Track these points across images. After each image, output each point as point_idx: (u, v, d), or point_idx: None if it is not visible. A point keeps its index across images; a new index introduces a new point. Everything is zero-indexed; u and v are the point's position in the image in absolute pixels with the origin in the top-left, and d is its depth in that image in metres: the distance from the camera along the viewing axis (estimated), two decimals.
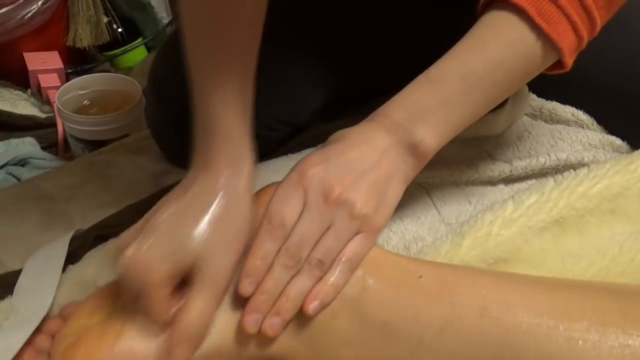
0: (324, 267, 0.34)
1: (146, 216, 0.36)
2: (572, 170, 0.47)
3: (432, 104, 0.37)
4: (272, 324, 0.33)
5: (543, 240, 0.43)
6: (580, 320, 0.32)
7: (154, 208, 0.37)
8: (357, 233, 0.35)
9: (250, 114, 0.38)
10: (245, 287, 0.33)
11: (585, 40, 0.37)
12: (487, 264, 0.42)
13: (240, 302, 0.35)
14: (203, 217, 0.34)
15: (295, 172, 0.36)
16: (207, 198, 0.35)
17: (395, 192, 0.37)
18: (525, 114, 0.63)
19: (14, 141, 0.80)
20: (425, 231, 0.46)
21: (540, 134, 0.59)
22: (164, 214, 0.35)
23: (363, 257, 0.35)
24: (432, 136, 0.37)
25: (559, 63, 0.38)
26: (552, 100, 0.62)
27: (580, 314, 0.32)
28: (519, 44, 0.36)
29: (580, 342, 0.31)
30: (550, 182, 0.45)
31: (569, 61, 0.38)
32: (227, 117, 0.36)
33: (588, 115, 0.59)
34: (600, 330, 0.31)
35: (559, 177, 0.46)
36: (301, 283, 0.34)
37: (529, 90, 0.62)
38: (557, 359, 0.31)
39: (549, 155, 0.53)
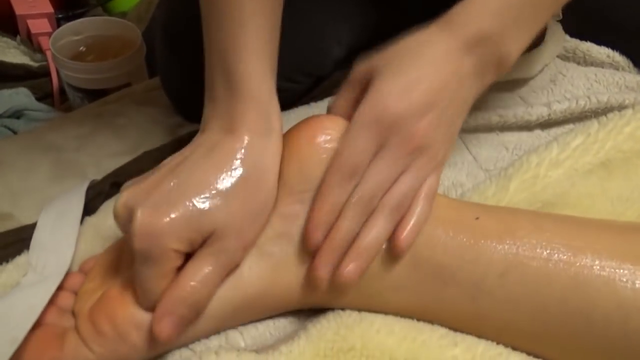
0: (402, 210, 0.32)
1: (159, 170, 0.32)
2: (616, 112, 0.45)
3: (517, 3, 0.32)
4: (349, 272, 0.31)
5: (589, 183, 0.41)
6: None
7: (168, 162, 0.33)
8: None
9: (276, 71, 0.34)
10: (317, 237, 0.31)
11: None
12: (534, 208, 0.39)
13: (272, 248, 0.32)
14: (227, 188, 0.30)
15: (369, 110, 0.32)
16: (232, 166, 0.31)
17: (462, 120, 0.35)
18: (558, 57, 0.60)
19: (6, 92, 0.75)
20: (464, 177, 0.44)
21: (575, 76, 0.56)
22: (181, 175, 0.31)
23: (436, 191, 0.33)
24: (519, 46, 0.33)
25: None
26: (586, 41, 0.59)
27: None
28: None
29: None
30: (594, 123, 0.43)
31: None
32: (256, 76, 0.32)
33: (624, 57, 0.56)
34: None
35: (603, 118, 0.43)
36: (379, 228, 0.31)
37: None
38: (632, 306, 0.29)
39: (588, 97, 0.50)
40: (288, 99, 0.51)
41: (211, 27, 0.32)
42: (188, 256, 0.31)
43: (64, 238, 0.34)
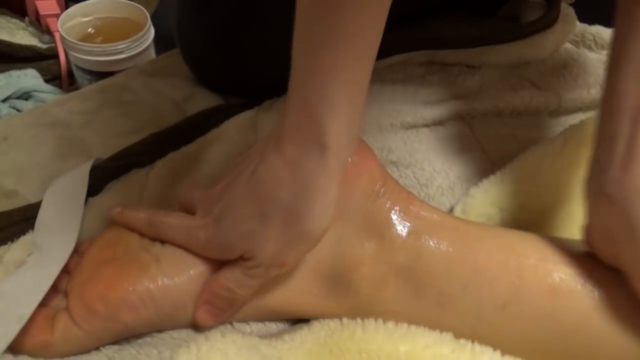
0: None
1: (225, 177, 0.33)
2: None
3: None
4: None
5: None
6: None
7: (232, 169, 0.33)
8: None
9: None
10: None
11: None
12: (541, 202, 0.39)
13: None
14: (267, 212, 0.30)
15: None
16: (276, 191, 0.30)
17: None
18: (568, 41, 0.59)
19: (15, 73, 0.75)
20: (470, 171, 0.43)
21: (587, 62, 0.55)
22: (233, 193, 0.31)
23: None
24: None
25: None
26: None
27: None
28: None
29: None
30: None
31: None
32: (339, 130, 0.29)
33: None
34: None
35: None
36: None
37: None
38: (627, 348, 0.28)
39: (601, 86, 0.49)
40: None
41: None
42: None
43: (68, 219, 0.34)
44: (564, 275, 0.30)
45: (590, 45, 0.58)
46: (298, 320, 0.34)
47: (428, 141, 0.45)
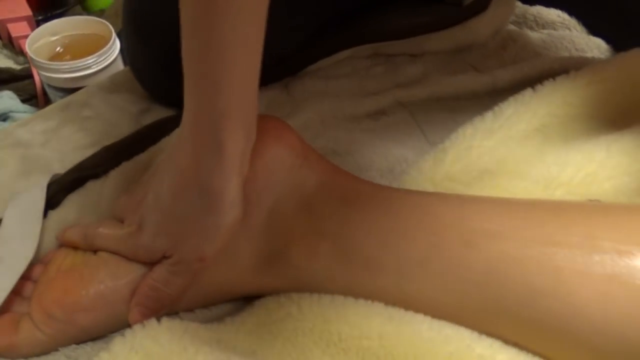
0: None
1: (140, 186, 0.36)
2: (551, 79, 0.46)
3: None
4: None
5: (527, 148, 0.42)
6: (568, 250, 0.31)
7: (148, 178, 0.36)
8: None
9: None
10: None
11: None
12: (471, 177, 0.41)
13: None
14: (179, 210, 0.33)
15: None
16: (185, 189, 0.33)
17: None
18: (511, 23, 0.61)
19: None
20: (409, 152, 0.46)
21: (526, 42, 0.57)
22: (148, 196, 0.34)
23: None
24: None
25: None
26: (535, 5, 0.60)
27: (567, 242, 0.31)
28: None
29: (568, 272, 0.30)
30: (529, 91, 0.44)
31: None
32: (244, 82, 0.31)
33: (572, 18, 0.57)
34: (587, 259, 0.30)
35: (538, 85, 0.45)
36: None
37: None
38: (544, 291, 0.30)
39: (532, 64, 0.52)
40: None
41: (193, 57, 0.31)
42: None
43: (28, 231, 0.37)
44: (478, 229, 0.33)
45: (531, 26, 0.60)
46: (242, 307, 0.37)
47: (369, 129, 0.47)
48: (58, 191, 0.41)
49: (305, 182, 0.35)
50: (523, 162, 0.42)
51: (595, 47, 0.56)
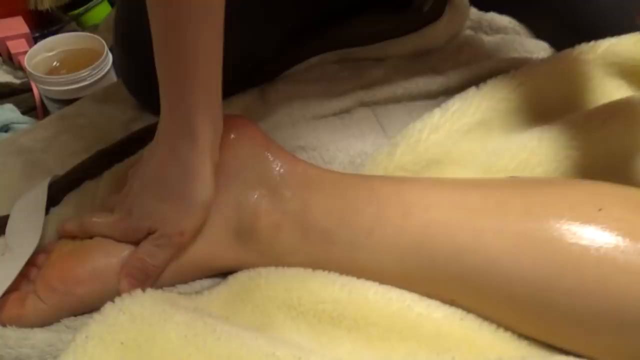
0: None
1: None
2: (494, 77, 0.51)
3: None
4: None
5: (470, 140, 0.48)
6: (484, 213, 0.36)
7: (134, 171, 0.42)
8: None
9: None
10: None
11: None
12: (420, 167, 0.47)
13: None
14: (159, 192, 0.39)
15: None
16: (163, 174, 0.39)
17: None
18: (468, 28, 0.66)
19: None
20: (369, 147, 0.51)
21: (479, 45, 0.63)
22: (134, 185, 0.40)
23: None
24: None
25: None
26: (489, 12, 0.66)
27: (484, 208, 0.37)
28: None
29: (484, 231, 0.36)
30: (472, 89, 0.50)
31: None
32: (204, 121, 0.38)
33: (521, 24, 0.63)
34: (501, 220, 0.36)
35: (481, 84, 0.50)
36: None
37: (470, 5, 0.66)
38: (466, 248, 0.36)
39: (482, 64, 0.57)
40: (231, 82, 0.59)
41: (164, 59, 0.38)
42: None
43: (32, 225, 0.43)
44: (414, 201, 0.38)
45: (486, 30, 0.65)
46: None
47: (334, 127, 0.53)
48: (58, 190, 0.47)
49: (268, 169, 0.41)
50: (467, 153, 0.48)
51: (542, 49, 0.61)
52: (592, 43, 0.53)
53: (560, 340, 0.36)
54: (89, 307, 0.40)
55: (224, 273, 0.42)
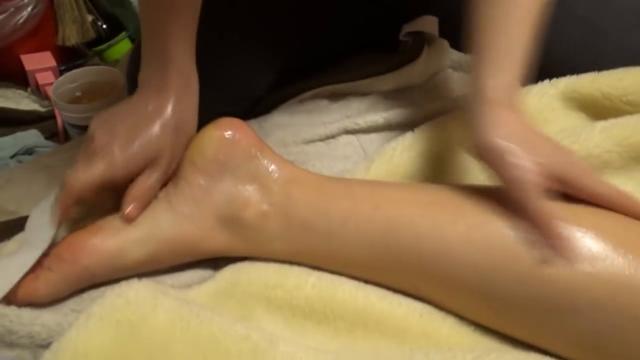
0: None
1: (116, 112, 0.49)
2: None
3: None
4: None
5: (438, 160, 0.54)
6: (443, 208, 0.42)
7: (121, 106, 0.49)
8: None
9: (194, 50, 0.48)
10: None
11: None
12: (393, 178, 0.53)
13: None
14: (162, 128, 0.46)
15: None
16: (165, 115, 0.46)
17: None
18: (450, 67, 0.73)
19: (20, 134, 0.90)
20: (350, 165, 0.57)
21: (455, 82, 0.69)
22: (133, 118, 0.47)
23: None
24: None
25: None
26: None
27: (443, 204, 0.43)
28: None
29: (442, 222, 0.42)
30: (443, 117, 0.56)
31: None
32: (181, 54, 0.46)
33: None
34: (456, 213, 0.42)
35: (451, 113, 0.57)
36: None
37: (451, 47, 0.73)
38: (426, 237, 0.41)
39: (457, 98, 0.64)
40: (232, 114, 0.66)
41: (146, 11, 0.46)
42: None
43: (47, 223, 0.49)
44: (384, 197, 0.44)
45: (465, 69, 0.72)
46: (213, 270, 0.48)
47: (321, 150, 0.60)
48: None
49: (259, 166, 0.47)
50: (438, 171, 0.54)
51: None
52: (553, 80, 0.59)
53: (511, 328, 0.41)
54: (92, 278, 0.45)
55: (212, 268, 0.47)
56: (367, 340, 0.41)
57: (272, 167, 0.47)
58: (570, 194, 0.40)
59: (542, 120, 0.57)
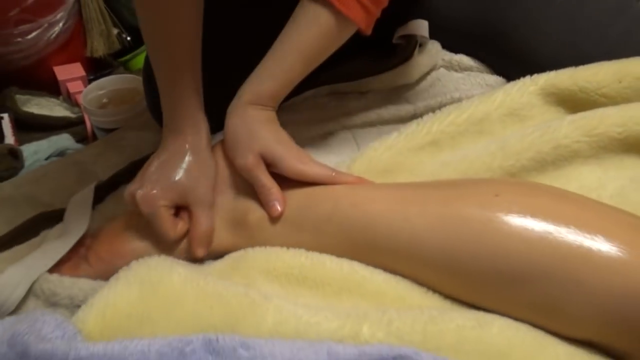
0: None
1: (141, 171, 0.55)
2: (449, 105, 0.63)
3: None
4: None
5: (422, 155, 0.59)
6: (413, 202, 0.48)
7: (150, 163, 0.55)
8: None
9: (201, 95, 0.55)
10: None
11: (375, 12, 0.54)
12: (375, 175, 0.57)
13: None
14: (182, 164, 0.53)
15: None
16: (182, 153, 0.54)
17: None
18: (442, 66, 0.79)
19: (54, 138, 0.99)
20: (346, 159, 0.63)
21: (448, 80, 0.75)
22: (153, 166, 0.54)
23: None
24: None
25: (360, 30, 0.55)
26: (460, 53, 0.78)
27: (413, 199, 0.48)
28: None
29: (412, 214, 0.47)
30: (429, 114, 0.61)
31: (367, 29, 0.55)
32: (187, 101, 0.54)
33: (484, 64, 0.75)
34: (425, 205, 0.47)
35: (437, 111, 0.62)
36: None
37: (443, 47, 0.78)
38: (399, 228, 0.47)
39: (445, 95, 0.69)
40: None
41: (156, 72, 0.54)
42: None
43: (82, 215, 0.57)
44: (362, 196, 0.50)
45: (456, 69, 0.77)
46: None
47: (318, 144, 0.66)
48: (102, 191, 0.61)
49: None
50: (417, 163, 0.59)
51: (501, 82, 0.73)
52: (534, 76, 0.64)
53: (477, 298, 0.46)
54: None
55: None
56: (350, 301, 0.47)
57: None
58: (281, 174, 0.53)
59: (522, 117, 0.61)
